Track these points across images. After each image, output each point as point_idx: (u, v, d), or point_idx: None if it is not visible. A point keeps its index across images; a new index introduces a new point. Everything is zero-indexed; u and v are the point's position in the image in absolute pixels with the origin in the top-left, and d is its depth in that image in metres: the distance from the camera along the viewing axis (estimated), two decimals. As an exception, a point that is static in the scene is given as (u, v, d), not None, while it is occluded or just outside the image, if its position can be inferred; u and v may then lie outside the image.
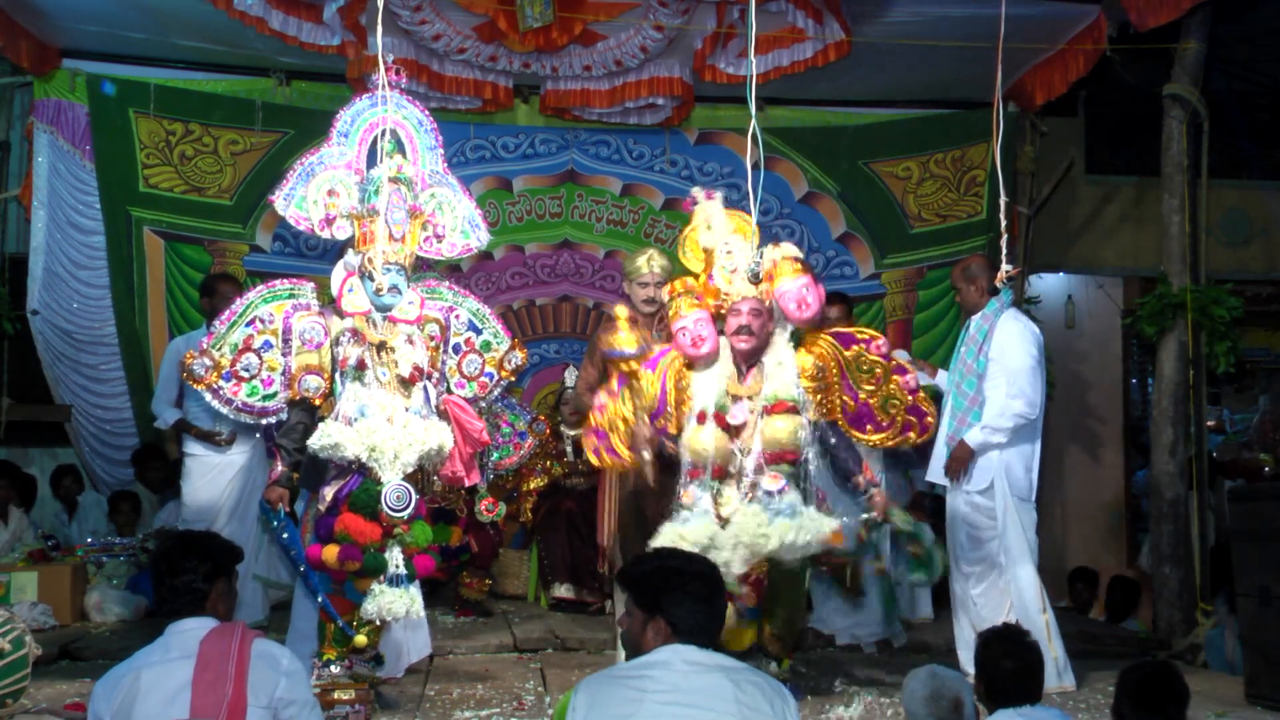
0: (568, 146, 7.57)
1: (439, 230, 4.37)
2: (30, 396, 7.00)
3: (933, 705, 3.05)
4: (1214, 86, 6.69)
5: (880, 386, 4.39)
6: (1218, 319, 6.04)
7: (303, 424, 4.14)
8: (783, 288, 4.27)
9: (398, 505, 3.96)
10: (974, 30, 5.83)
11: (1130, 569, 8.09)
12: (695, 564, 2.78)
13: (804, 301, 4.26)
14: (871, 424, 4.41)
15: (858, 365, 4.39)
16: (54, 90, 6.92)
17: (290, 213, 4.17)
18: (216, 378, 4.10)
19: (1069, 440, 8.59)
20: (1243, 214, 8.52)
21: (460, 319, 4.47)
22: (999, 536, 4.92)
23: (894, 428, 4.42)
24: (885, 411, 4.40)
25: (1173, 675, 3.25)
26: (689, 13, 6.48)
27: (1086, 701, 4.61)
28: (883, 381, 4.39)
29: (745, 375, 4.33)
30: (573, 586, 6.38)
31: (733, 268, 4.34)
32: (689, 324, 4.30)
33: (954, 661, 4.83)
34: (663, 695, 2.47)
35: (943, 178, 7.71)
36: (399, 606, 3.97)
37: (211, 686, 2.73)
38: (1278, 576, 4.72)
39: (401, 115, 4.34)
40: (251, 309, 4.16)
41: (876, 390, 4.39)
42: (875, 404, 4.40)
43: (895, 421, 4.41)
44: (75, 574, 5.97)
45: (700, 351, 4.30)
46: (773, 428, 4.20)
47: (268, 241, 7.20)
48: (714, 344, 4.32)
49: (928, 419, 4.43)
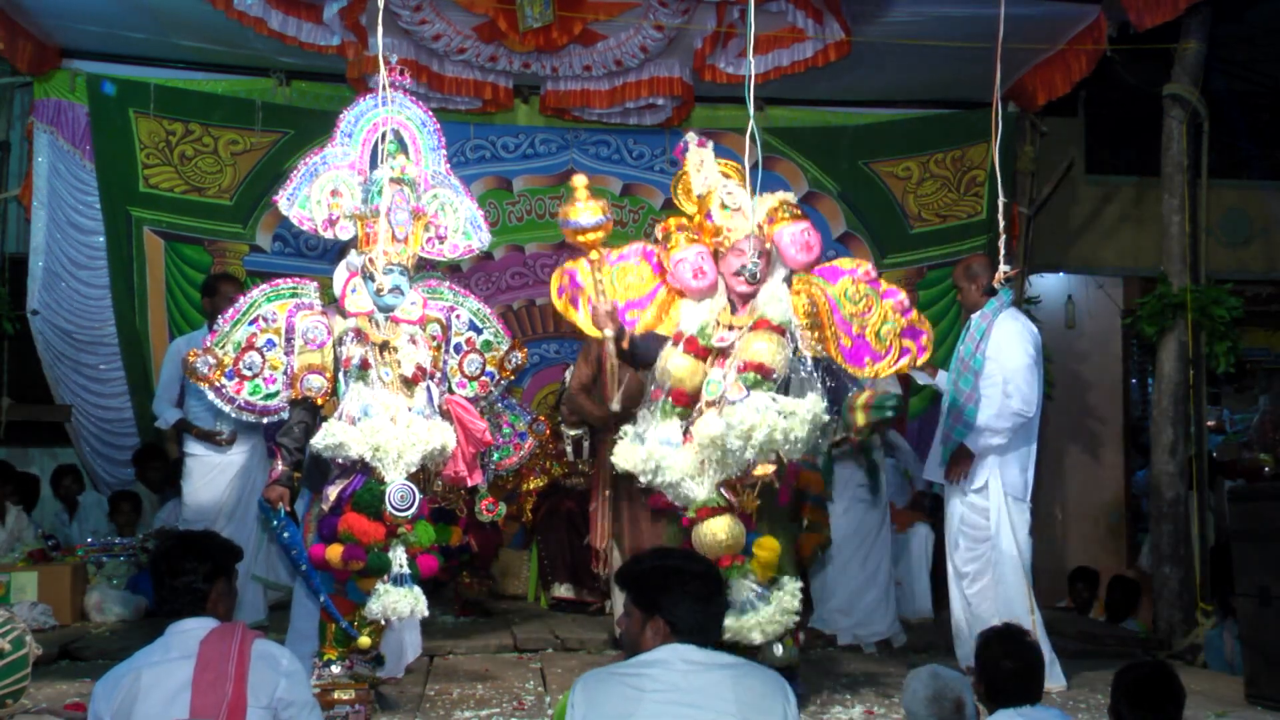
0: (568, 146, 7.57)
1: (441, 231, 4.37)
2: (30, 396, 7.00)
3: (934, 706, 3.04)
4: (1214, 86, 6.69)
5: (873, 314, 4.29)
6: (1218, 319, 6.04)
7: (304, 423, 4.15)
8: (784, 230, 4.25)
9: (401, 505, 3.96)
10: (974, 30, 5.83)
11: (1130, 569, 8.09)
12: (694, 563, 2.78)
13: (807, 244, 4.24)
14: (869, 355, 4.29)
15: (848, 297, 4.31)
16: (54, 90, 6.92)
17: (294, 213, 4.17)
18: (219, 376, 4.10)
19: (1069, 440, 8.59)
20: (1243, 214, 8.52)
21: (461, 319, 4.47)
22: (993, 536, 4.92)
23: (892, 354, 4.29)
24: (879, 339, 4.28)
25: (1169, 675, 3.26)
26: (689, 13, 6.48)
27: (1086, 701, 4.61)
28: (875, 307, 4.29)
29: (739, 309, 4.31)
30: (573, 586, 6.38)
31: (736, 206, 4.29)
32: (689, 256, 4.26)
33: (953, 662, 4.83)
34: (662, 694, 2.47)
35: (943, 178, 7.71)
36: (404, 606, 3.97)
37: (211, 687, 2.73)
38: (1278, 576, 4.72)
39: (405, 115, 4.34)
40: (255, 308, 4.16)
41: (869, 319, 4.29)
42: (870, 334, 4.28)
43: (892, 347, 4.29)
44: (75, 574, 5.97)
45: (701, 284, 4.27)
46: (749, 342, 4.14)
47: (268, 241, 7.20)
48: (713, 280, 4.29)
49: (924, 338, 4.31)
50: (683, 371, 4.18)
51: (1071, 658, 5.58)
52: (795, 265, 4.29)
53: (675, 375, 4.18)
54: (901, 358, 4.30)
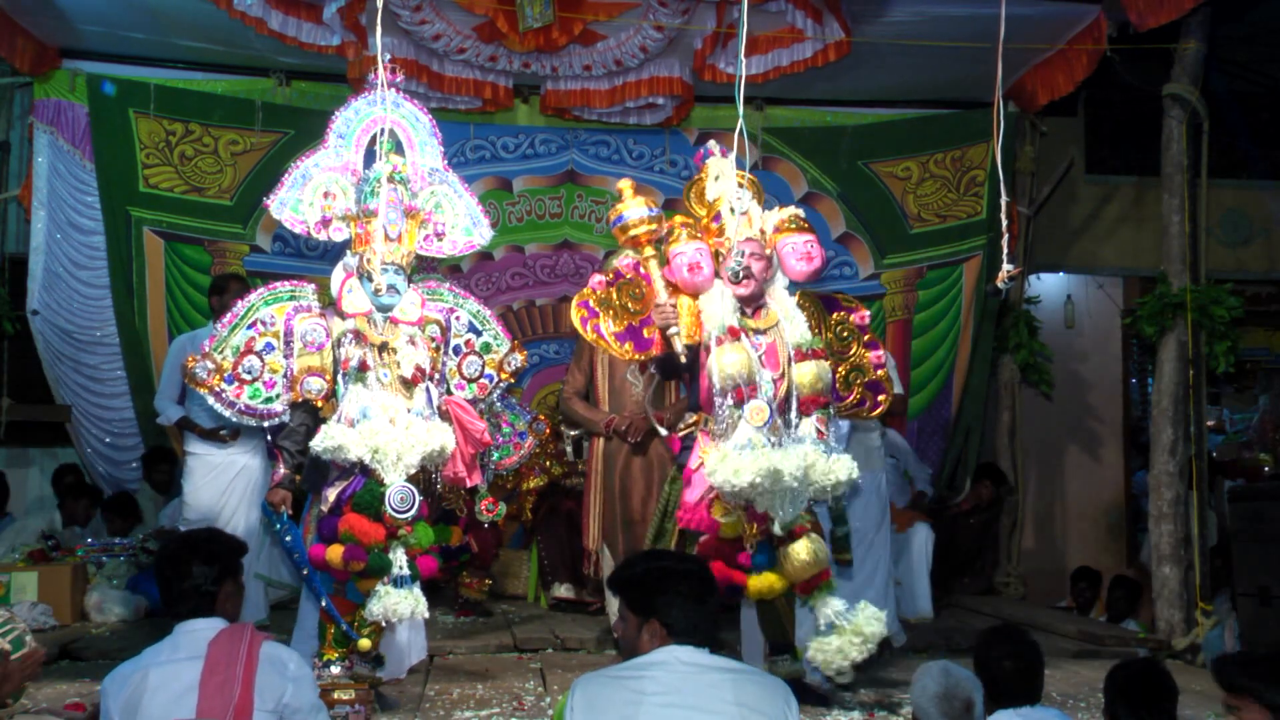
0: (568, 146, 7.56)
1: (439, 228, 4.35)
2: (30, 396, 7.00)
3: (944, 704, 3.03)
4: (1214, 86, 6.69)
5: (850, 356, 4.45)
6: (1218, 319, 6.04)
7: (305, 426, 4.14)
8: (787, 240, 4.27)
9: (402, 507, 3.96)
10: (974, 30, 5.83)
11: (1130, 568, 8.10)
12: (685, 563, 2.79)
13: (808, 255, 4.25)
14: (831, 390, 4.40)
15: (836, 332, 4.44)
16: (54, 90, 6.92)
17: (285, 216, 4.15)
18: (219, 381, 4.09)
19: (1069, 440, 8.59)
20: (1243, 214, 8.52)
21: (461, 321, 4.46)
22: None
23: (851, 399, 4.47)
24: (847, 382, 4.46)
25: (1160, 671, 3.27)
26: (689, 13, 6.47)
27: (1086, 701, 4.61)
28: (854, 351, 4.44)
29: (755, 314, 4.32)
30: (573, 586, 6.38)
31: (742, 210, 4.32)
32: (687, 251, 4.27)
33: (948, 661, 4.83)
34: (662, 697, 2.46)
35: (942, 178, 7.71)
36: (404, 607, 3.97)
37: (219, 689, 2.74)
38: (1278, 576, 4.73)
39: (399, 114, 4.32)
40: (253, 311, 4.15)
41: (846, 359, 4.45)
42: (840, 373, 4.43)
43: (854, 393, 4.47)
44: (75, 574, 5.96)
45: (695, 279, 4.26)
46: (805, 372, 4.19)
47: (268, 242, 7.19)
48: (709, 276, 4.27)
49: (881, 397, 4.49)
50: (736, 365, 4.13)
51: (1072, 658, 5.59)
52: (795, 276, 4.31)
53: (728, 371, 4.12)
54: (859, 406, 4.50)
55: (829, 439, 4.20)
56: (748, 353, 4.17)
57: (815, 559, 4.12)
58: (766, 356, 4.24)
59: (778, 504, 4.04)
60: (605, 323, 4.36)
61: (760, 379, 4.17)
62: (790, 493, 4.04)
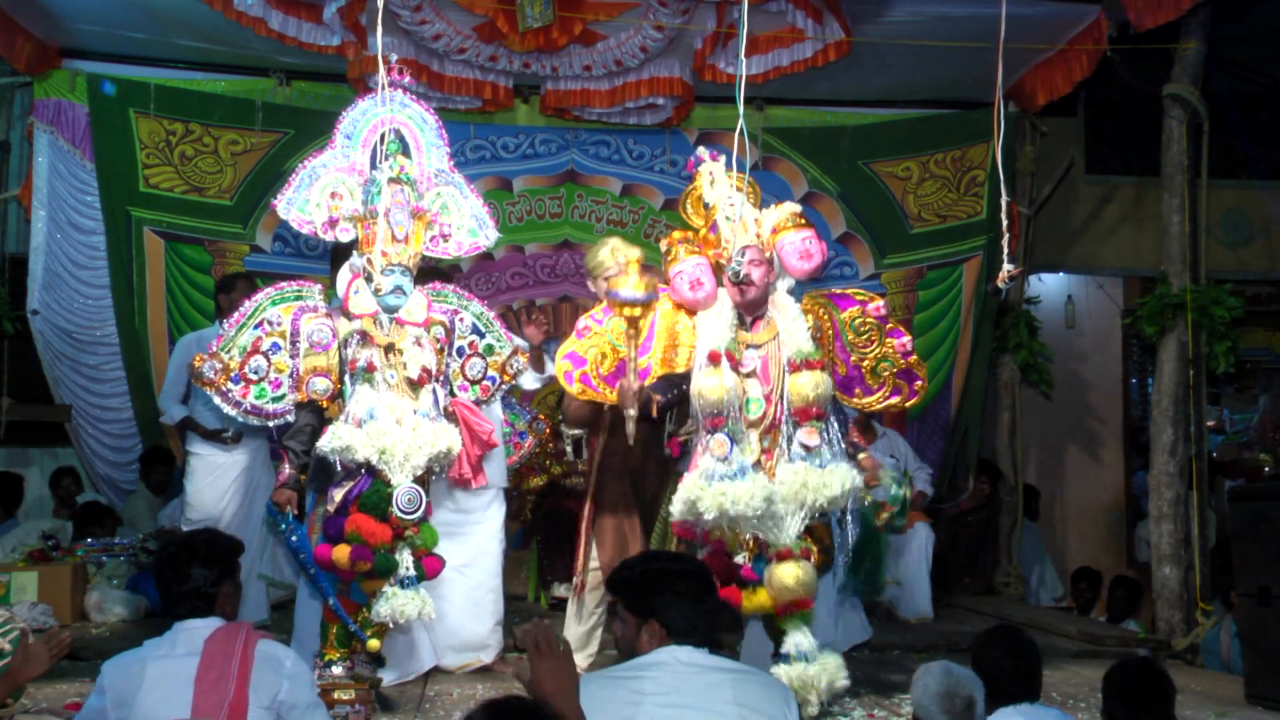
0: (568, 146, 7.57)
1: (445, 229, 4.35)
2: (30, 396, 7.00)
3: (945, 703, 3.03)
4: (1214, 86, 6.68)
5: (874, 348, 4.32)
6: (1218, 319, 6.04)
7: (310, 426, 4.14)
8: (785, 239, 4.23)
9: (409, 508, 3.96)
10: (974, 30, 5.83)
11: (1130, 568, 8.10)
12: (683, 563, 2.79)
13: (807, 253, 4.20)
14: (860, 387, 4.32)
15: (853, 328, 4.33)
16: (54, 90, 6.92)
17: (293, 216, 4.14)
18: (225, 380, 4.09)
19: (1069, 440, 8.60)
20: (1243, 214, 8.53)
21: (464, 322, 4.46)
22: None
23: (883, 391, 4.33)
24: (875, 375, 4.32)
25: (1156, 670, 3.27)
26: (689, 13, 6.48)
27: (1086, 701, 4.61)
28: (877, 343, 4.31)
29: (753, 325, 4.28)
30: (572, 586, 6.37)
31: (738, 215, 4.28)
32: (687, 268, 4.23)
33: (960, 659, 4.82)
34: (662, 697, 2.47)
35: (943, 178, 7.71)
36: (411, 609, 3.97)
37: (214, 686, 2.74)
38: (1278, 576, 4.72)
39: (405, 115, 4.31)
40: (260, 311, 4.15)
41: (869, 352, 4.32)
42: (866, 367, 4.32)
43: (885, 384, 4.33)
44: (75, 574, 5.97)
45: (697, 296, 4.24)
46: (799, 384, 4.13)
47: (268, 242, 7.19)
48: (712, 291, 4.25)
49: (918, 383, 4.34)
50: (713, 393, 4.07)
51: (1072, 658, 5.59)
52: (796, 273, 4.27)
53: (707, 398, 4.08)
54: (892, 396, 4.34)
55: (823, 450, 4.10)
56: (723, 381, 4.10)
57: (798, 585, 4.02)
58: (760, 371, 4.21)
59: (760, 528, 4.02)
60: (590, 371, 4.35)
61: (748, 398, 4.15)
62: (772, 518, 3.99)
